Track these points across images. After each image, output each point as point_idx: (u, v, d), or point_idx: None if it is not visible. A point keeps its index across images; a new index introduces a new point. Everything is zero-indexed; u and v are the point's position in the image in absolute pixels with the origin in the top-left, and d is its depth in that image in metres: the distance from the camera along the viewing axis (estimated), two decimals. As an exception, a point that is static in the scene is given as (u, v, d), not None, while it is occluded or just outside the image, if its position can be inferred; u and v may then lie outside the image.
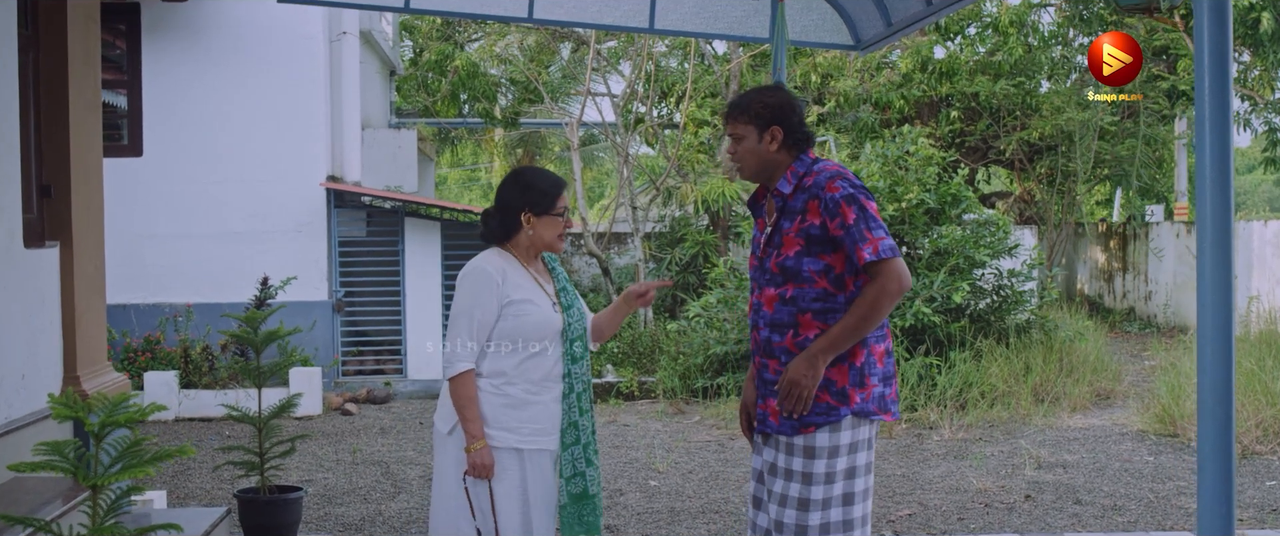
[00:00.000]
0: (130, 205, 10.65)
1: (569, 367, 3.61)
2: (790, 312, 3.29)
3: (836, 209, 3.21)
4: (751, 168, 3.40)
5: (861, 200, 3.23)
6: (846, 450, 3.29)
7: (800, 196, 3.30)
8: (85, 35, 4.77)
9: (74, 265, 4.54)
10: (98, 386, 4.60)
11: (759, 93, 3.40)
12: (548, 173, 3.69)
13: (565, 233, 3.64)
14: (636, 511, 6.42)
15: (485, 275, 3.49)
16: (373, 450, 8.24)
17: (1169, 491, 6.73)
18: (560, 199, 3.59)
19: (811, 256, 3.26)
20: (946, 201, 10.24)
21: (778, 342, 3.31)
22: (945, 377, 9.22)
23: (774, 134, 3.34)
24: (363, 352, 11.55)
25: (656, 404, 10.04)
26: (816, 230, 3.25)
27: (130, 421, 2.67)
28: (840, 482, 3.29)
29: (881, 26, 5.04)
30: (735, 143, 3.40)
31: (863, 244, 3.18)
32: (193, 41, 10.85)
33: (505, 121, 16.23)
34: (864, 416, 3.30)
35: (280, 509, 5.22)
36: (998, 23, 15.85)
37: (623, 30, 7.63)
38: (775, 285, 3.32)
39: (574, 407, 3.62)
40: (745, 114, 3.35)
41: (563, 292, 3.68)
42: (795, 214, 3.29)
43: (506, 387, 3.50)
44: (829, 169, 3.31)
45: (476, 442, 3.43)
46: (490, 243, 3.62)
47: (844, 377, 3.27)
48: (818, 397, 3.25)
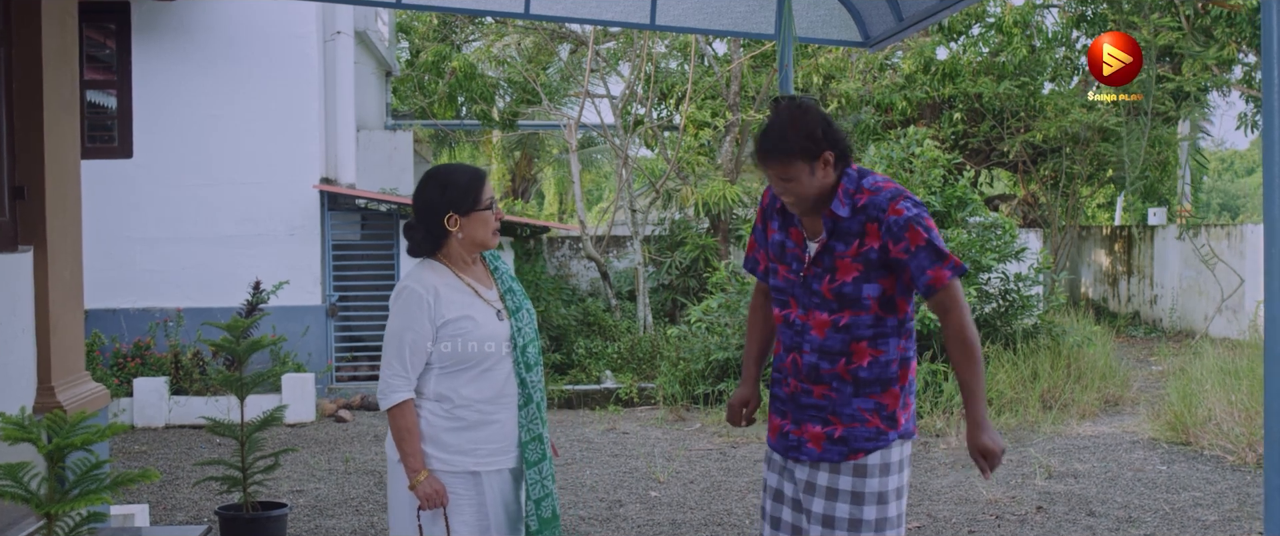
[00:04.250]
0: (120, 208, 10.47)
1: (523, 376, 3.28)
2: (844, 340, 3.10)
3: (903, 232, 3.00)
4: (812, 202, 3.09)
5: (926, 220, 3.05)
6: (897, 468, 3.15)
7: (857, 218, 3.06)
8: (61, 32, 4.58)
9: (49, 270, 4.34)
10: (74, 397, 4.40)
11: (792, 124, 3.03)
12: (464, 165, 3.35)
13: (499, 226, 3.32)
14: (637, 524, 6.22)
15: (414, 295, 3.18)
16: (366, 459, 8.03)
17: (1185, 502, 6.54)
18: (484, 190, 3.26)
19: (871, 282, 3.06)
20: (952, 204, 10.07)
21: (827, 370, 3.12)
22: (951, 384, 9.03)
23: (826, 159, 3.05)
24: (357, 358, 11.35)
25: (656, 411, 9.85)
26: (876, 254, 3.04)
27: (87, 443, 2.47)
28: (893, 502, 3.14)
29: (892, 22, 4.84)
30: (784, 183, 3.06)
31: (941, 263, 3.00)
32: (184, 41, 10.65)
33: (503, 123, 16.04)
34: (907, 437, 3.18)
35: (263, 527, 5.00)
36: (1001, 23, 15.67)
37: (622, 26, 7.44)
38: (830, 311, 3.10)
39: (535, 419, 3.31)
40: (791, 153, 3.01)
41: (508, 294, 3.36)
42: (852, 236, 3.06)
43: (457, 410, 3.22)
44: (884, 187, 3.08)
45: (420, 475, 3.15)
46: (420, 256, 3.30)
47: (894, 401, 3.12)
48: (866, 421, 3.10)
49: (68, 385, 4.41)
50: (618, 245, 15.64)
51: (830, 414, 3.12)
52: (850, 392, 3.11)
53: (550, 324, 12.34)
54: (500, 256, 3.45)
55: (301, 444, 8.61)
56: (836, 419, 3.11)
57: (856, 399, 3.10)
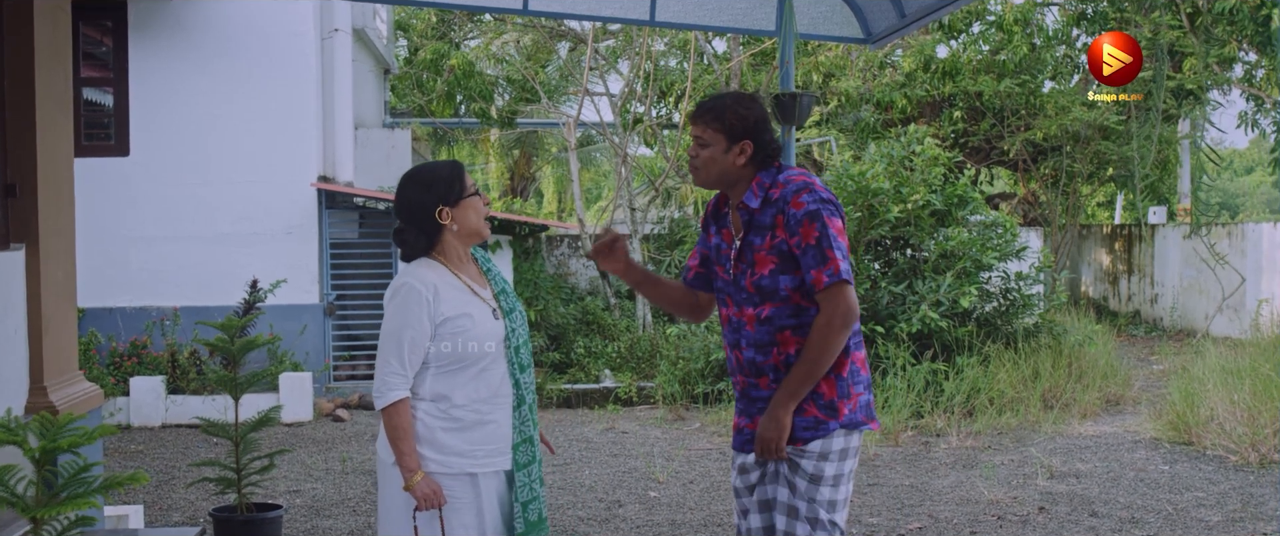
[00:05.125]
0: (117, 206, 10.42)
1: (517, 377, 3.27)
2: (769, 332, 3.19)
3: (798, 226, 3.09)
4: (710, 176, 3.23)
5: (825, 217, 3.09)
6: (837, 456, 3.21)
7: (768, 211, 3.16)
8: (54, 28, 4.53)
9: (41, 269, 4.29)
10: (67, 397, 4.35)
11: (735, 101, 3.20)
12: (440, 162, 3.35)
13: (488, 210, 3.31)
14: (636, 524, 6.17)
15: (414, 292, 3.15)
16: (364, 458, 7.98)
17: (1188, 503, 6.49)
18: (466, 179, 3.27)
19: (787, 273, 3.15)
20: (953, 203, 10.02)
21: (763, 361, 3.22)
22: (952, 384, 8.99)
23: (744, 148, 3.18)
24: (355, 357, 11.30)
25: (655, 410, 9.80)
26: (786, 246, 3.13)
27: (74, 445, 2.42)
28: (826, 486, 3.20)
29: (894, 18, 4.79)
30: (698, 146, 3.21)
31: (821, 266, 3.06)
32: (181, 39, 10.60)
33: (501, 121, 15.97)
34: (853, 427, 3.21)
35: (257, 529, 4.95)
36: (1002, 21, 15.62)
37: (622, 22, 7.38)
38: (753, 304, 3.20)
39: (527, 421, 3.28)
40: (718, 120, 3.17)
41: (502, 295, 3.33)
42: (765, 230, 3.17)
43: (453, 411, 3.18)
44: (795, 180, 3.17)
45: (416, 475, 3.11)
46: (415, 258, 3.27)
47: (831, 390, 3.18)
48: (805, 411, 3.16)
49: (61, 385, 4.36)
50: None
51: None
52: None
53: (549, 323, 12.28)
54: (491, 259, 3.41)
55: (299, 443, 8.56)
56: None
57: None
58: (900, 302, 9.51)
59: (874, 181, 9.86)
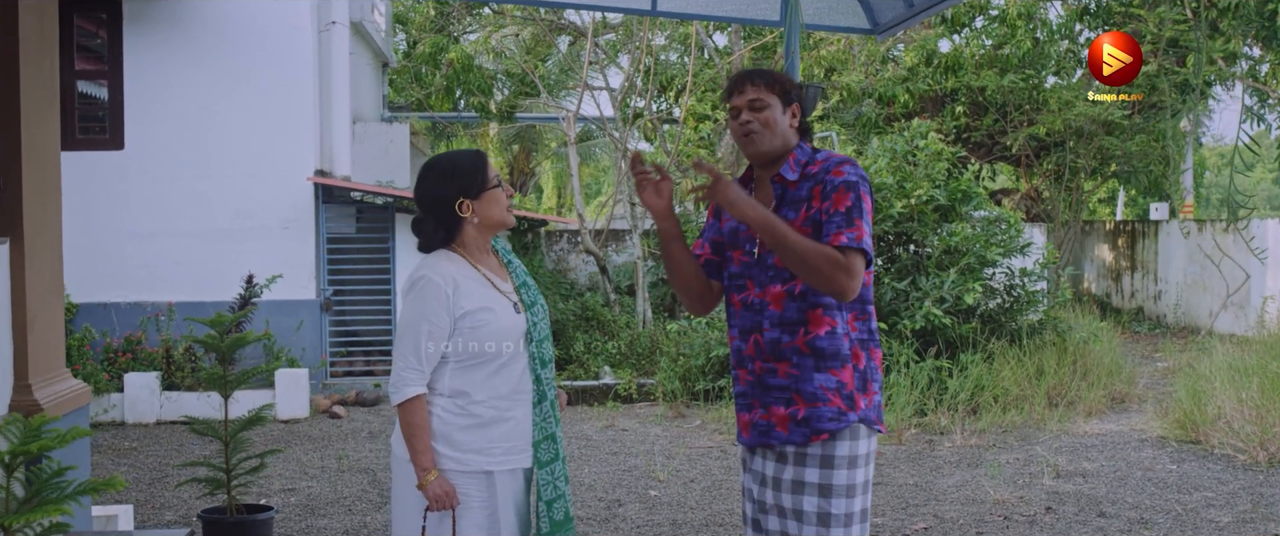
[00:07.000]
0: (111, 201, 10.31)
1: (538, 373, 3.17)
2: (801, 309, 3.04)
3: (833, 191, 2.99)
4: (773, 139, 3.08)
5: (861, 190, 3.01)
6: (863, 461, 3.09)
7: (805, 185, 3.06)
8: (41, 17, 4.41)
9: (26, 264, 4.17)
10: (53, 395, 4.24)
11: (777, 72, 3.16)
12: (463, 151, 3.24)
13: (511, 203, 3.20)
14: (636, 524, 6.07)
15: (433, 285, 3.05)
16: (360, 456, 7.88)
17: (1197, 503, 6.38)
18: (489, 170, 3.16)
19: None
20: (957, 198, 9.91)
21: (788, 343, 3.06)
22: (956, 381, 8.88)
23: (794, 111, 3.13)
24: (352, 353, 11.19)
25: (656, 407, 9.69)
26: (820, 217, 3.02)
27: (45, 449, 2.30)
28: (859, 496, 3.07)
29: (901, 8, 4.67)
30: (753, 110, 3.07)
31: (845, 229, 2.94)
32: (177, 32, 10.48)
33: (500, 116, 15.87)
34: (870, 425, 3.09)
35: (247, 531, 4.83)
36: (1005, 16, 15.49)
37: (623, 13, 7.26)
38: (783, 281, 3.06)
39: (549, 418, 3.18)
40: (772, 82, 3.08)
41: (523, 288, 3.23)
42: (800, 202, 3.05)
43: (472, 407, 3.08)
44: (835, 155, 3.10)
45: (429, 474, 3.02)
46: (433, 250, 3.17)
47: (851, 380, 3.05)
48: (827, 400, 3.02)
49: (46, 383, 4.25)
50: (616, 239, 15.48)
51: (794, 393, 3.06)
52: (811, 367, 3.04)
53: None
54: (511, 253, 3.31)
55: (294, 440, 8.45)
56: (800, 398, 3.05)
57: (817, 374, 3.03)
58: (903, 299, 9.40)
59: (877, 176, 9.75)
